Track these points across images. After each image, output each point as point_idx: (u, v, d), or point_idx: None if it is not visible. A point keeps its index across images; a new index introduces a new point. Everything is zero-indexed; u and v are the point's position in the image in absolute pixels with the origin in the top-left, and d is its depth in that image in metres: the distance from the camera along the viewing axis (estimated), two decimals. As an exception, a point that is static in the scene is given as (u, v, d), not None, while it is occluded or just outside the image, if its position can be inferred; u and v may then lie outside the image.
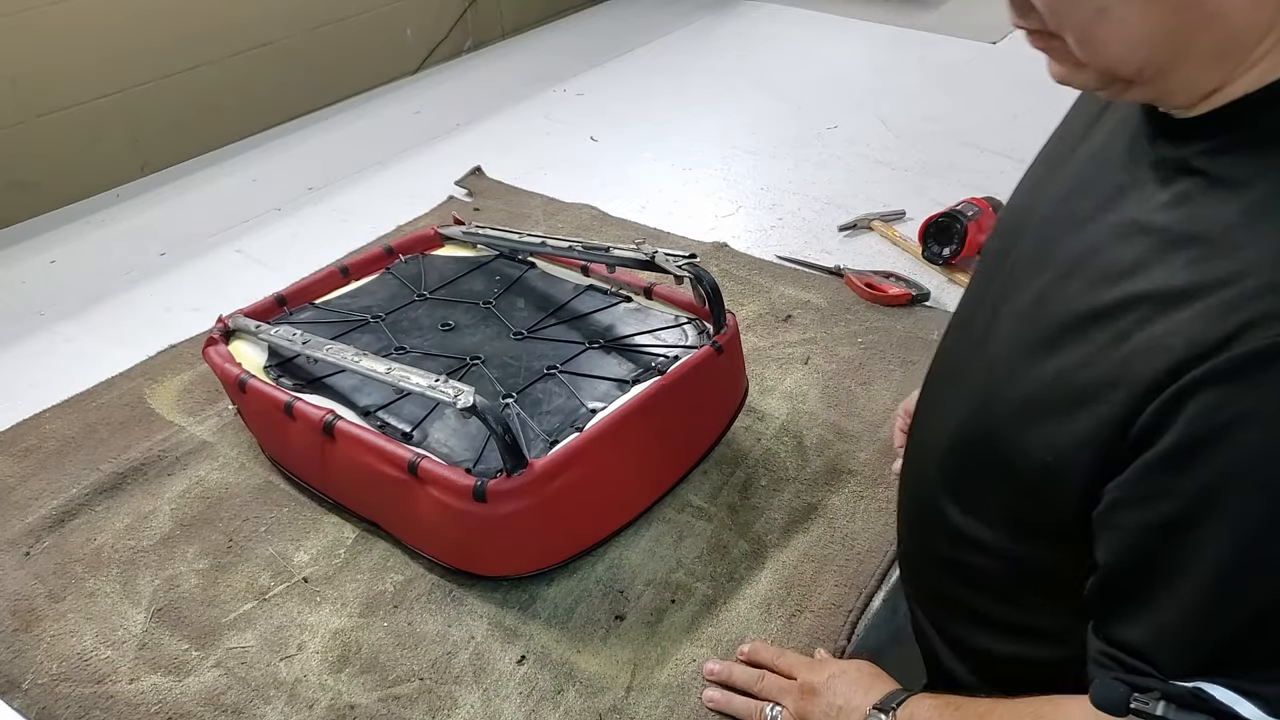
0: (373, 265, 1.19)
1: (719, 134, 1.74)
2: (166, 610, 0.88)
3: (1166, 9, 0.47)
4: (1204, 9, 0.46)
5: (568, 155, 1.69)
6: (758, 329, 1.21)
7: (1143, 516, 0.50)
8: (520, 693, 0.80)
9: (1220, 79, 0.49)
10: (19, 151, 1.55)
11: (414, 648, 0.83)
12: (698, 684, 0.80)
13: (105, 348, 1.24)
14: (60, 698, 0.81)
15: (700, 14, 2.30)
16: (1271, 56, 0.47)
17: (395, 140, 1.76)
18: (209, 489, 1.01)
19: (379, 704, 0.79)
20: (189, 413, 1.11)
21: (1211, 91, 0.49)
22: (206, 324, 1.09)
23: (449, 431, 0.92)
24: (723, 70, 2.00)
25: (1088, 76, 0.52)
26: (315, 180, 1.63)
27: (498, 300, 1.11)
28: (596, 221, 1.47)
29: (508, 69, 2.09)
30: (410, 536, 0.91)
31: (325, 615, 0.87)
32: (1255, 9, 0.46)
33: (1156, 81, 0.50)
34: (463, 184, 1.59)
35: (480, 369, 1.00)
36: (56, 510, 0.98)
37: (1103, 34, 0.49)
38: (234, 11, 1.78)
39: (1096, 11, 0.48)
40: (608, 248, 1.06)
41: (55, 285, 1.39)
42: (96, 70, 1.62)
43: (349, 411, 0.94)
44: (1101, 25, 0.49)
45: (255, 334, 1.03)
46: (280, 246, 1.45)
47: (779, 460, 1.02)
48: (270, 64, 1.86)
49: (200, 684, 0.81)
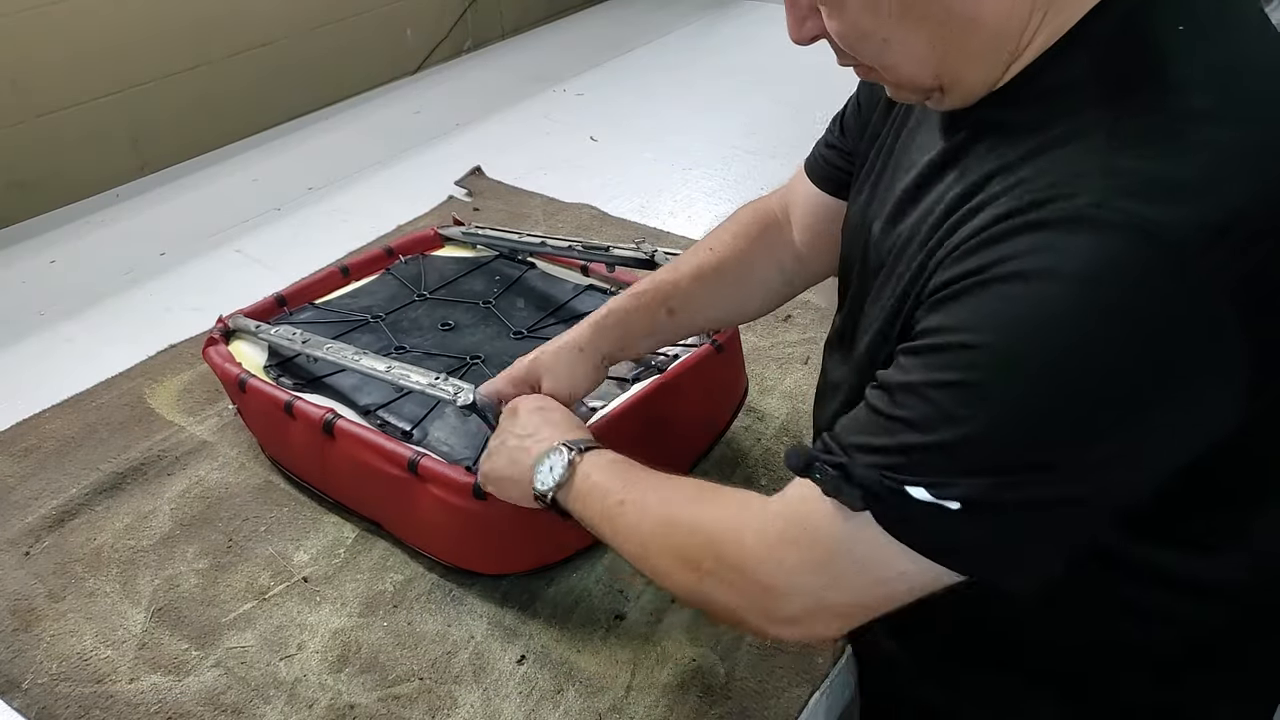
0: (373, 265, 1.19)
1: (719, 134, 1.74)
2: (166, 610, 0.88)
3: (932, 26, 0.54)
4: (961, 20, 0.54)
5: (568, 155, 1.69)
6: (757, 329, 1.21)
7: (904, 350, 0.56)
8: (520, 692, 0.80)
9: (1003, 64, 0.55)
10: (19, 151, 1.55)
11: (414, 647, 0.84)
12: (698, 683, 0.80)
13: (105, 348, 1.24)
14: (60, 697, 0.81)
15: (700, 14, 2.30)
16: (1040, 35, 0.54)
17: (395, 140, 1.76)
18: (209, 489, 1.01)
19: (379, 704, 0.79)
20: (189, 413, 1.11)
21: (1002, 73, 0.56)
22: (206, 324, 1.09)
23: (449, 430, 0.92)
24: (723, 70, 2.00)
25: (908, 93, 0.60)
26: (315, 180, 1.63)
27: (497, 300, 1.11)
28: (596, 221, 1.47)
29: (508, 69, 2.09)
30: (410, 535, 0.91)
31: (325, 615, 0.87)
32: (998, 6, 0.53)
33: (958, 84, 0.57)
34: (462, 184, 1.59)
35: (480, 368, 1.00)
36: (56, 510, 0.98)
37: (893, 59, 0.57)
38: (234, 12, 1.78)
39: (881, 42, 0.56)
40: (607, 247, 1.06)
41: (55, 285, 1.39)
42: (96, 70, 1.62)
43: (349, 410, 0.94)
44: (889, 53, 0.57)
45: (255, 334, 1.03)
46: (280, 246, 1.45)
47: (779, 460, 1.02)
48: (270, 64, 1.86)
49: (200, 684, 0.81)
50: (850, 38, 0.57)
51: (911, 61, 0.57)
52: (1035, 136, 0.53)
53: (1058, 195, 0.50)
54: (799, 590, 0.58)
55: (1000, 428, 0.50)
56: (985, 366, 0.50)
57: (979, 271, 0.51)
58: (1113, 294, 0.48)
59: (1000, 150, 0.55)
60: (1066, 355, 0.49)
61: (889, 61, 0.58)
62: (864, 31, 0.56)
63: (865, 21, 0.56)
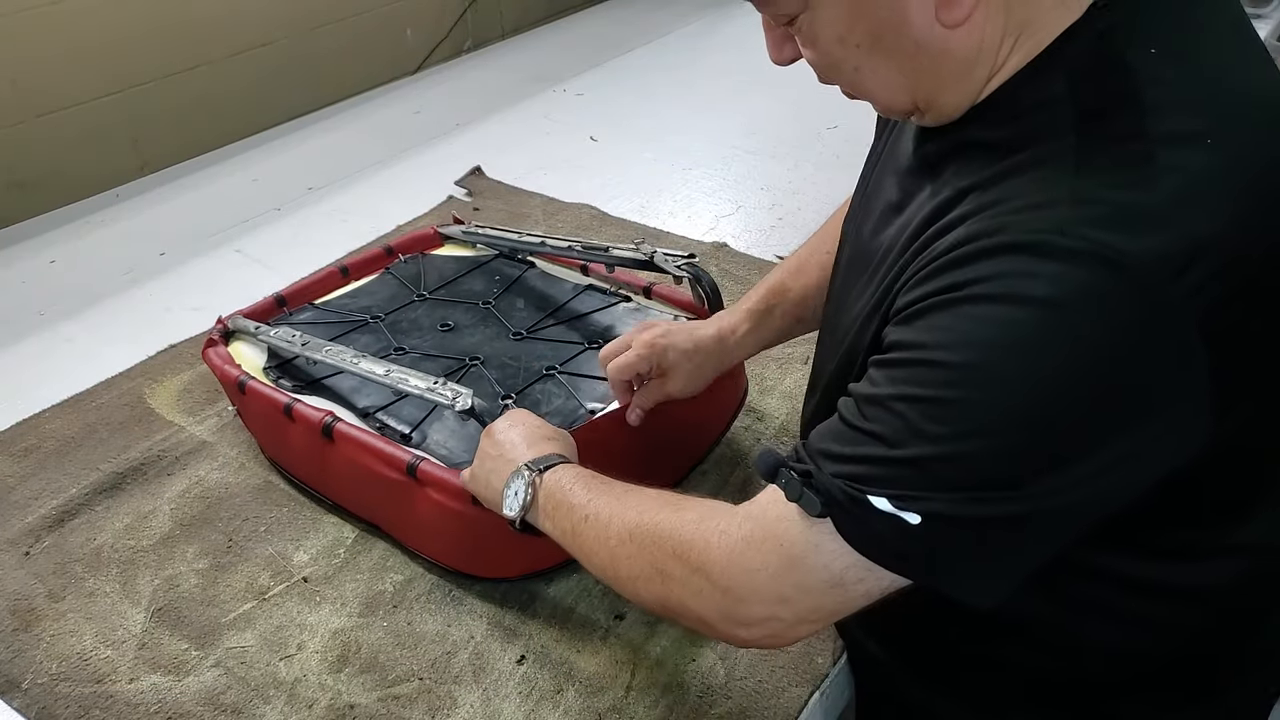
0: (372, 265, 1.19)
1: (719, 134, 1.74)
2: (166, 610, 0.88)
3: (903, 58, 0.56)
4: (929, 52, 0.55)
5: (568, 155, 1.69)
6: (757, 329, 1.21)
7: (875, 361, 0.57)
8: (520, 692, 0.80)
9: (979, 86, 0.56)
10: (19, 151, 1.55)
11: (414, 647, 0.84)
12: (697, 683, 0.80)
13: (105, 348, 1.24)
14: (60, 697, 0.81)
15: (700, 14, 2.30)
16: (1014, 56, 0.55)
17: (395, 140, 1.76)
18: (209, 489, 1.01)
19: (379, 704, 0.79)
20: (189, 413, 1.11)
21: (978, 94, 0.57)
22: (206, 324, 1.10)
23: (448, 433, 0.92)
24: (723, 70, 2.00)
25: (890, 113, 0.62)
26: (315, 180, 1.63)
27: (497, 300, 1.11)
28: (596, 221, 1.47)
29: (508, 69, 2.09)
30: (409, 538, 0.91)
31: (325, 615, 0.87)
32: (968, 38, 0.54)
33: (934, 107, 0.58)
34: (462, 184, 1.59)
35: (479, 369, 1.00)
36: (56, 510, 0.98)
37: (867, 86, 0.59)
38: (234, 12, 1.78)
39: (854, 70, 0.58)
40: (607, 248, 1.06)
41: (55, 285, 1.39)
42: (96, 70, 1.62)
43: (348, 413, 0.94)
44: (863, 80, 0.59)
45: (255, 335, 1.03)
46: (280, 246, 1.45)
47: (778, 460, 1.02)
48: (270, 64, 1.86)
49: (200, 684, 0.81)
50: (823, 66, 0.59)
51: (885, 89, 0.58)
52: (1009, 157, 0.54)
53: (1028, 220, 0.50)
54: (760, 594, 0.58)
55: (965, 446, 0.51)
56: (952, 384, 0.51)
57: (949, 290, 0.52)
58: (1078, 321, 0.49)
59: (974, 168, 0.56)
60: (1031, 378, 0.50)
61: (863, 88, 0.60)
62: (836, 61, 0.58)
63: (836, 52, 0.57)
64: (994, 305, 0.50)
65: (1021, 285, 0.49)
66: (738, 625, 0.61)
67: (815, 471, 0.55)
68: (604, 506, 0.68)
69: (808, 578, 0.57)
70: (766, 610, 0.59)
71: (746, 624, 0.60)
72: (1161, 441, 0.52)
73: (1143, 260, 0.48)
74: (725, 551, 0.60)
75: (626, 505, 0.67)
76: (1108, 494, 0.53)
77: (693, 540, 0.62)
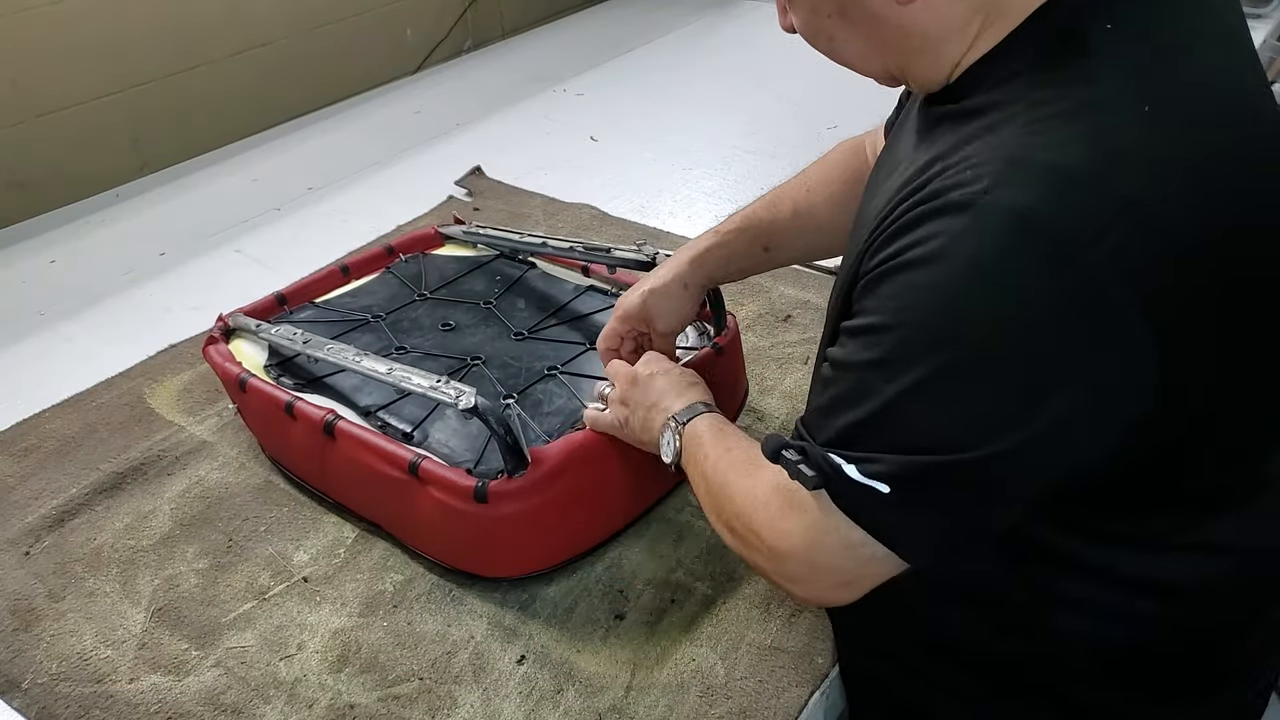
0: (373, 264, 1.19)
1: (719, 134, 1.74)
2: (166, 610, 0.88)
3: (868, 29, 0.60)
4: (888, 26, 0.58)
5: (568, 155, 1.69)
6: (757, 329, 1.21)
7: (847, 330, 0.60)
8: (520, 692, 0.80)
9: (952, 61, 0.59)
10: (19, 151, 1.55)
11: (414, 647, 0.84)
12: (698, 683, 0.80)
13: (105, 348, 1.24)
14: (60, 697, 0.81)
15: (700, 14, 2.30)
16: (986, 34, 0.57)
17: (395, 140, 1.76)
18: (209, 489, 1.01)
19: (379, 704, 0.79)
20: (189, 412, 1.11)
21: (953, 69, 0.60)
22: (206, 323, 1.09)
23: (450, 432, 0.92)
24: (723, 70, 2.00)
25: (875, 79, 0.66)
26: (315, 180, 1.63)
27: (498, 300, 1.11)
28: (596, 222, 1.47)
29: (508, 69, 2.09)
30: (411, 537, 0.91)
31: (325, 615, 0.87)
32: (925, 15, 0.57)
33: (909, 77, 0.62)
34: (463, 184, 1.59)
35: (481, 369, 1.00)
36: (56, 510, 0.98)
37: (841, 54, 0.63)
38: (234, 11, 1.78)
39: (829, 40, 0.63)
40: (609, 248, 1.06)
41: (55, 285, 1.39)
42: (96, 70, 1.62)
43: (349, 411, 0.94)
44: (838, 48, 0.63)
45: (255, 333, 1.03)
46: (280, 246, 1.45)
47: (779, 460, 1.02)
48: (270, 64, 1.86)
49: (200, 684, 0.81)
50: (806, 34, 0.64)
51: (858, 56, 0.63)
52: (970, 124, 0.56)
53: (962, 182, 0.53)
54: (795, 555, 0.63)
55: (909, 403, 0.54)
56: (893, 344, 0.55)
57: (895, 255, 0.55)
58: (996, 279, 0.51)
59: (945, 139, 0.58)
60: (958, 338, 0.52)
61: (839, 56, 0.64)
62: (814, 30, 0.63)
63: (813, 21, 0.62)
64: (926, 267, 0.53)
65: (950, 245, 0.52)
66: (789, 582, 0.65)
67: (809, 446, 0.59)
68: (712, 463, 0.73)
69: (827, 541, 0.61)
70: (804, 569, 0.63)
71: (794, 581, 0.65)
72: (1101, 401, 0.53)
73: (1056, 219, 0.50)
74: (765, 522, 0.65)
75: (724, 465, 0.72)
76: (1062, 454, 0.55)
77: (744, 506, 0.67)
